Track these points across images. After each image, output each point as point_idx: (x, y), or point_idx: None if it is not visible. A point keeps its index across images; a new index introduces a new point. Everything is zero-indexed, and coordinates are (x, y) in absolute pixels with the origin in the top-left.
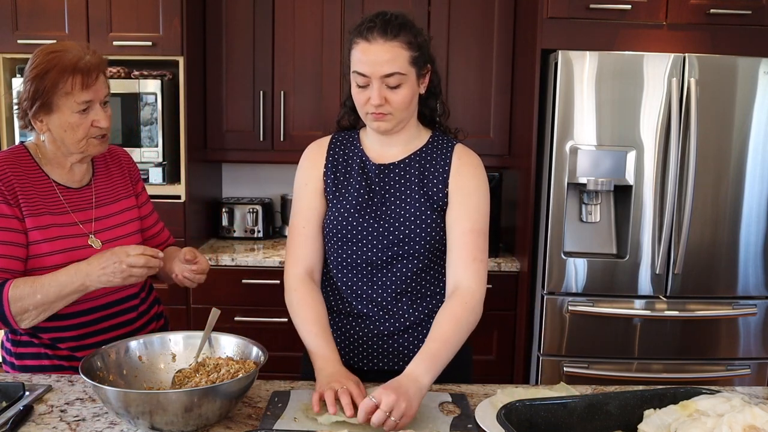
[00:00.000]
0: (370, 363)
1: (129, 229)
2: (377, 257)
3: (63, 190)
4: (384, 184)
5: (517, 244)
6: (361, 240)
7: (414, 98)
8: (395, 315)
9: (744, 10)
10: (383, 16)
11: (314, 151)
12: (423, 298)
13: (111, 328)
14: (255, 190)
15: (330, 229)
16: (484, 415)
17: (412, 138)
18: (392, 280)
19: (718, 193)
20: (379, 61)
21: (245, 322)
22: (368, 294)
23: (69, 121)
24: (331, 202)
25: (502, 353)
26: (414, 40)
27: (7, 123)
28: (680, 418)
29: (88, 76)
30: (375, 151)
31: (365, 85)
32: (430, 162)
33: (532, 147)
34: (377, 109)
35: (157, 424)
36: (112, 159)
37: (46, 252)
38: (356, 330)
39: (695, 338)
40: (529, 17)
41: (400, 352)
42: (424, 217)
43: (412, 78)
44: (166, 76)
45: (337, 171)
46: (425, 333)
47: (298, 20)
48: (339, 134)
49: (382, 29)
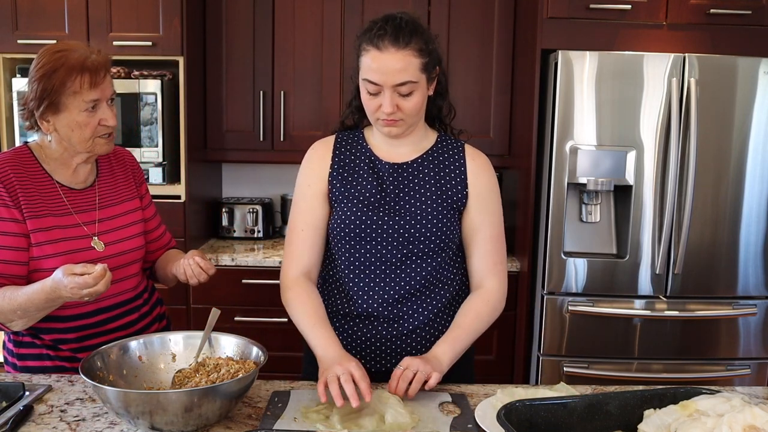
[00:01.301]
0: (378, 365)
1: (132, 231)
2: (392, 254)
3: (66, 191)
4: (398, 182)
5: (517, 244)
6: (375, 238)
7: (424, 103)
8: (406, 315)
9: (744, 10)
10: (393, 21)
11: (319, 151)
12: (434, 298)
13: (113, 330)
14: (255, 190)
15: (341, 229)
16: (484, 415)
17: (420, 138)
18: (405, 280)
19: (718, 193)
20: (390, 71)
21: (245, 322)
22: (380, 294)
23: (77, 120)
24: (341, 202)
25: (502, 353)
26: (425, 46)
27: (6, 123)
28: (680, 418)
29: (96, 74)
30: (384, 151)
31: (376, 93)
32: (443, 162)
33: (532, 147)
34: (389, 116)
35: (157, 424)
36: (117, 160)
37: (48, 254)
38: (366, 332)
39: (695, 338)
40: (529, 17)
41: (411, 353)
42: (439, 216)
43: (423, 84)
44: (166, 76)
45: (344, 171)
46: (435, 334)
47: (298, 20)
48: (343, 133)
49: (394, 37)
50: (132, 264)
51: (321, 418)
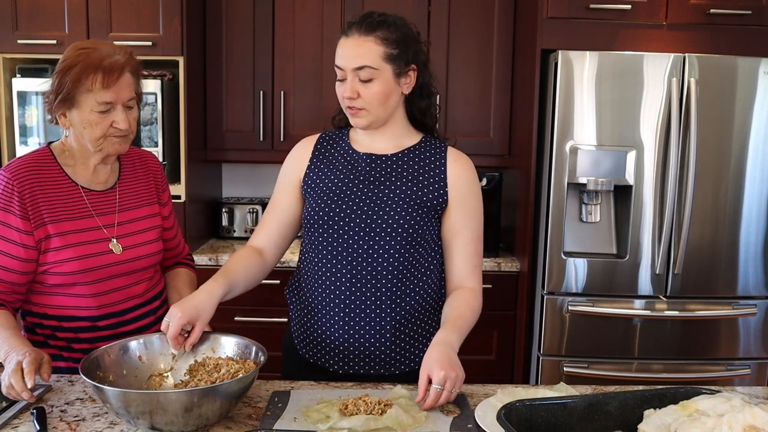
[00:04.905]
0: (345, 366)
1: (149, 237)
2: (358, 245)
3: (87, 193)
4: (372, 173)
5: (517, 244)
6: (342, 226)
7: (390, 96)
8: (372, 315)
9: (744, 10)
10: (367, 15)
11: (301, 147)
12: (402, 299)
13: (127, 333)
14: (255, 190)
15: (311, 217)
16: (484, 415)
17: (401, 135)
18: (372, 274)
19: (718, 193)
20: (351, 55)
21: (245, 322)
22: (347, 287)
23: (88, 118)
24: (313, 191)
25: (502, 353)
26: (391, 36)
27: (6, 123)
28: (680, 418)
29: (110, 75)
30: (363, 144)
31: (342, 79)
32: (423, 161)
33: (532, 147)
34: (350, 102)
35: (157, 424)
36: (141, 163)
37: (65, 258)
38: (332, 331)
39: (695, 338)
40: (529, 17)
41: (377, 356)
42: (410, 211)
43: (386, 74)
44: (166, 76)
45: (321, 164)
46: (404, 339)
47: (298, 20)
48: (329, 132)
49: (359, 25)
50: (147, 269)
51: (321, 418)
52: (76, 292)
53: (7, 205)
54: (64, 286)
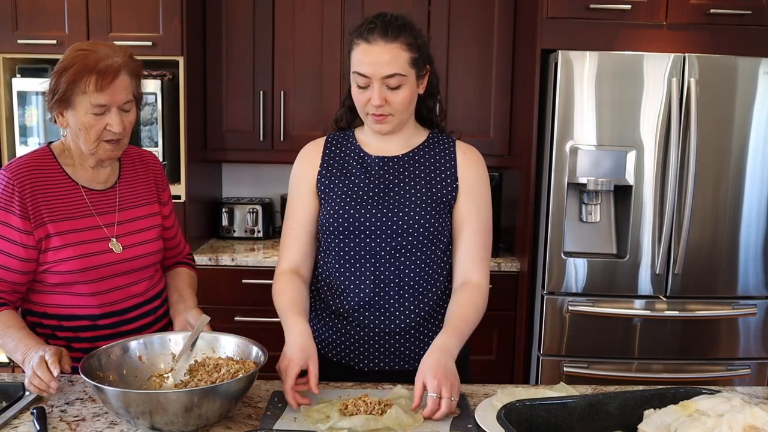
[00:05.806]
0: (371, 364)
1: (149, 236)
2: (380, 248)
3: (87, 192)
4: (388, 175)
5: (517, 244)
6: (363, 231)
7: (413, 99)
8: (396, 313)
9: (744, 10)
10: (383, 18)
11: (309, 151)
12: (421, 299)
13: (127, 332)
14: (255, 190)
15: (330, 224)
16: (484, 415)
17: (410, 136)
18: (395, 273)
19: (718, 193)
20: (379, 62)
21: (245, 322)
22: (370, 288)
23: (83, 120)
24: (329, 197)
25: (502, 353)
26: (414, 41)
27: (6, 123)
28: (680, 418)
29: (103, 78)
30: (373, 147)
31: (366, 86)
32: (433, 156)
33: (532, 147)
34: (378, 110)
35: (157, 424)
36: (141, 163)
37: (65, 257)
38: (357, 331)
39: (695, 338)
40: (529, 17)
41: (402, 352)
42: (428, 209)
43: (411, 79)
44: (166, 76)
45: (333, 168)
46: (427, 333)
47: (298, 20)
48: (334, 134)
49: (383, 30)
50: (147, 268)
51: (321, 418)
52: (77, 291)
53: (8, 205)
54: (65, 285)
